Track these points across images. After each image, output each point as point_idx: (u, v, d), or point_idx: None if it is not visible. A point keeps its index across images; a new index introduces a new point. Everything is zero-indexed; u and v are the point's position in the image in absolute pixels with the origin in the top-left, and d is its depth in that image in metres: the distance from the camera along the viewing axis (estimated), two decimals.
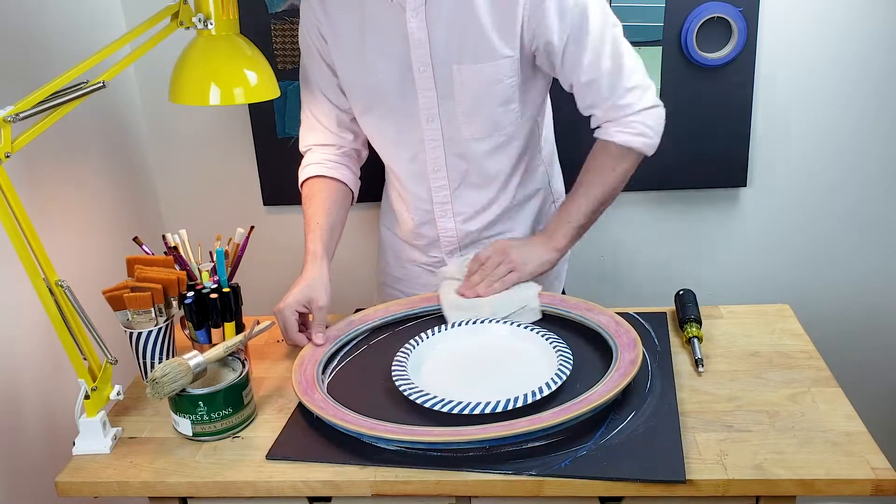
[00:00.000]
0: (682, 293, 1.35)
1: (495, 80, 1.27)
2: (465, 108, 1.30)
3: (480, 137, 1.34)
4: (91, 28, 1.65)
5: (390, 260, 1.57)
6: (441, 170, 1.37)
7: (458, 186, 1.40)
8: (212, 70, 1.16)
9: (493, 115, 1.31)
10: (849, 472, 0.96)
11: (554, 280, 1.57)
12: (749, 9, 1.70)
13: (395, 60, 1.28)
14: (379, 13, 1.27)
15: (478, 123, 1.32)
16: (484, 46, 1.25)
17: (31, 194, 1.41)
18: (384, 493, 1.00)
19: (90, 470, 1.06)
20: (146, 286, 1.18)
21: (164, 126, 1.91)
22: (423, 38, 1.25)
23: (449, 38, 1.25)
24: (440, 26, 1.25)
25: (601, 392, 1.05)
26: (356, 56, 1.31)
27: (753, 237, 1.93)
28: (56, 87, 1.04)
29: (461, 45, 1.25)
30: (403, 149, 1.38)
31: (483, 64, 1.26)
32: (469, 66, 1.26)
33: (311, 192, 1.41)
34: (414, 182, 1.41)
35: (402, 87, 1.30)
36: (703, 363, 1.19)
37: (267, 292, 2.03)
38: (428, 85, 1.29)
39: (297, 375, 1.17)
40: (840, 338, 1.96)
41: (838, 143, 1.82)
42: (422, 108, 1.32)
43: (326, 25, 1.33)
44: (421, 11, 1.24)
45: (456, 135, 1.34)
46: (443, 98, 1.30)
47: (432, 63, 1.27)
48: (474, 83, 1.28)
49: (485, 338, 1.26)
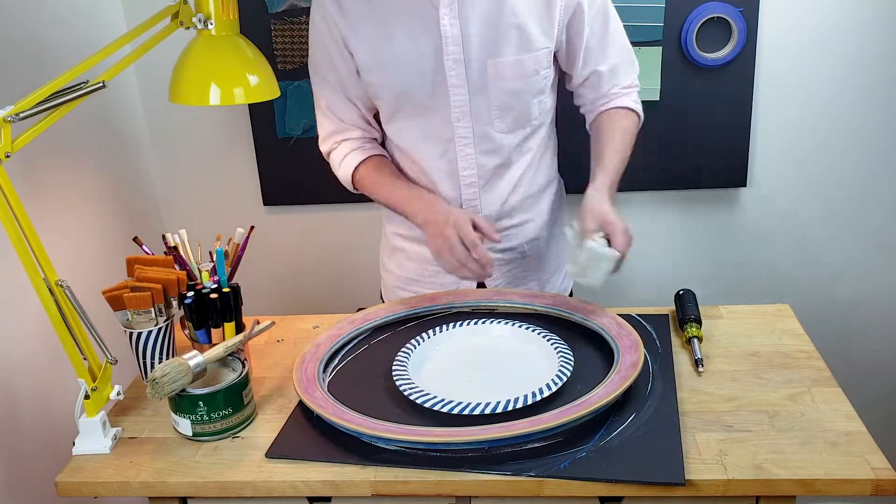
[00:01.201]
0: (681, 293, 1.35)
1: (533, 70, 1.30)
2: (499, 103, 1.32)
3: (511, 130, 1.36)
4: (91, 28, 1.65)
5: (403, 262, 1.55)
6: (471, 167, 1.38)
7: (486, 182, 1.40)
8: (212, 70, 1.16)
9: (528, 107, 1.34)
10: (849, 472, 0.96)
11: (565, 275, 1.57)
12: (749, 9, 1.70)
13: (424, 59, 1.28)
14: (406, 12, 1.27)
15: (511, 117, 1.34)
16: (522, 39, 1.27)
17: (31, 194, 1.41)
18: (384, 493, 1.00)
19: (90, 470, 1.06)
20: (146, 286, 1.18)
21: (164, 126, 1.91)
22: (455, 34, 1.26)
23: (483, 33, 1.26)
24: (474, 22, 1.26)
25: (601, 395, 1.05)
26: (381, 58, 1.31)
27: (753, 237, 1.93)
28: (56, 87, 1.04)
29: (497, 39, 1.27)
30: (433, 146, 1.37)
31: (522, 56, 1.28)
32: (506, 60, 1.28)
33: (372, 168, 1.40)
34: (443, 179, 1.40)
35: (433, 85, 1.30)
36: (703, 363, 1.19)
37: (267, 292, 2.04)
38: (460, 82, 1.30)
39: (297, 374, 1.17)
40: (840, 338, 1.96)
41: (838, 142, 1.82)
42: (453, 106, 1.32)
43: (346, 27, 1.31)
44: (454, 8, 1.25)
45: (487, 130, 1.35)
46: (474, 94, 1.31)
47: (465, 59, 1.28)
48: (511, 76, 1.30)
49: (486, 338, 1.26)
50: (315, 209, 1.96)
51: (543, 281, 1.52)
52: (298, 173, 1.90)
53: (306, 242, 2.00)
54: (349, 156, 1.42)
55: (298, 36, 1.78)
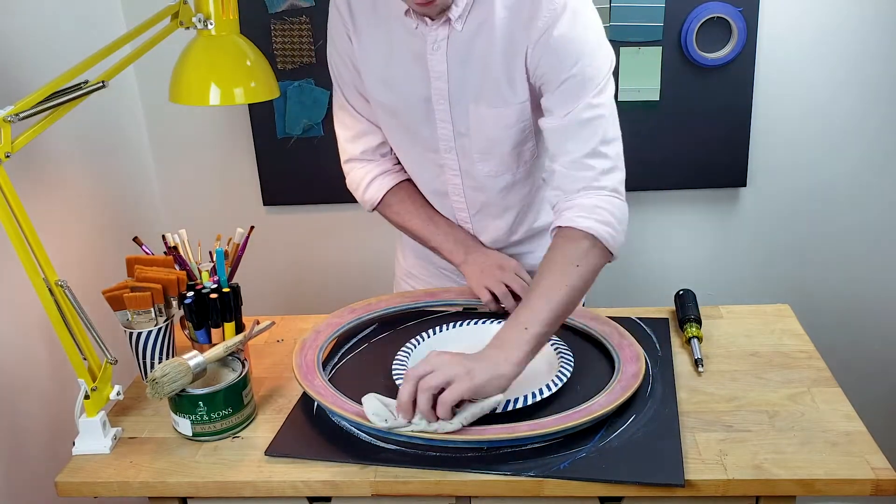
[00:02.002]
0: (682, 293, 1.35)
1: (507, 124, 1.23)
2: (479, 147, 1.27)
3: (497, 174, 1.30)
4: (91, 28, 1.65)
5: (409, 255, 1.55)
6: (460, 196, 1.36)
7: (476, 213, 1.38)
8: (212, 70, 1.16)
9: (508, 156, 1.28)
10: (849, 472, 0.96)
11: None
12: (749, 9, 1.70)
13: (418, 88, 1.25)
14: (405, 40, 1.23)
15: (493, 163, 1.29)
16: (496, 91, 1.21)
17: (31, 194, 1.40)
18: (384, 493, 1.00)
19: (90, 470, 1.06)
20: (146, 286, 1.18)
21: (164, 126, 1.91)
22: (442, 71, 1.22)
23: (466, 77, 1.21)
24: (458, 64, 1.21)
25: (602, 403, 1.05)
26: (382, 76, 1.28)
27: (753, 237, 1.93)
28: (56, 87, 1.04)
29: (477, 85, 1.21)
30: (426, 170, 1.36)
31: (497, 109, 1.22)
32: (483, 108, 1.23)
33: (403, 198, 1.40)
34: (437, 201, 1.40)
35: (426, 114, 1.27)
36: (702, 363, 1.19)
37: (267, 292, 2.04)
38: (445, 118, 1.26)
39: (297, 359, 1.16)
40: (840, 338, 1.96)
41: (838, 142, 1.82)
42: (440, 139, 1.29)
43: (356, 39, 1.28)
44: (442, 46, 1.20)
45: (472, 169, 1.31)
46: (459, 134, 1.27)
47: (449, 99, 1.24)
48: (488, 125, 1.24)
49: (486, 338, 1.25)
50: (315, 209, 1.96)
51: None
52: (298, 173, 1.90)
53: (306, 242, 2.00)
54: (376, 181, 1.38)
55: (298, 36, 1.78)
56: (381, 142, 1.38)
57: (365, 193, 1.39)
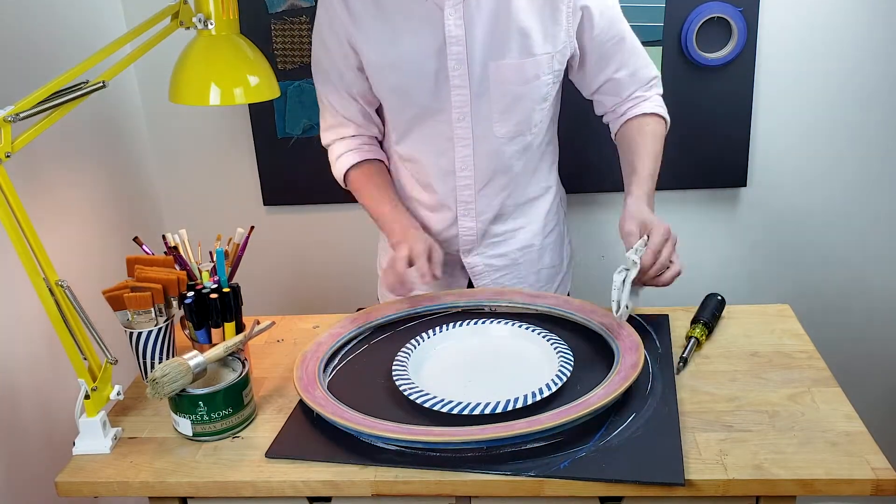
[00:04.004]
0: (710, 296, 1.34)
1: (534, 75, 1.30)
2: (500, 107, 1.32)
3: (512, 136, 1.36)
4: (91, 28, 1.65)
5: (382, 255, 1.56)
6: (468, 168, 1.38)
7: (483, 186, 1.40)
8: (212, 70, 1.16)
9: (529, 113, 1.34)
10: (849, 472, 0.96)
11: (559, 284, 1.57)
12: (749, 9, 1.70)
13: (428, 59, 1.29)
14: (411, 12, 1.27)
15: (512, 122, 1.34)
16: (524, 43, 1.27)
17: (31, 194, 1.41)
18: (384, 493, 1.00)
19: (90, 470, 1.06)
20: (146, 286, 1.18)
21: (164, 126, 1.91)
22: (460, 35, 1.27)
23: (487, 35, 1.27)
24: (478, 23, 1.26)
25: (601, 395, 1.05)
26: (388, 58, 1.31)
27: (753, 237, 1.93)
28: (56, 87, 1.04)
29: (500, 42, 1.27)
30: (432, 146, 1.38)
31: (523, 60, 1.28)
32: (507, 63, 1.28)
33: (363, 175, 1.43)
34: (440, 179, 1.41)
35: (436, 85, 1.31)
36: (685, 364, 1.18)
37: (267, 292, 2.04)
38: (462, 83, 1.30)
39: (298, 372, 1.17)
40: (840, 338, 1.96)
41: (838, 142, 1.82)
42: (454, 107, 1.33)
43: (352, 27, 1.32)
44: (459, 9, 1.25)
45: (487, 133, 1.35)
46: (476, 96, 1.32)
47: (467, 61, 1.28)
48: (512, 80, 1.30)
49: (486, 338, 1.26)
50: (315, 209, 1.96)
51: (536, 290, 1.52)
52: (298, 173, 1.90)
53: (306, 242, 2.00)
54: (344, 156, 1.44)
55: (298, 36, 1.78)
56: (353, 134, 1.44)
57: (334, 169, 1.47)
